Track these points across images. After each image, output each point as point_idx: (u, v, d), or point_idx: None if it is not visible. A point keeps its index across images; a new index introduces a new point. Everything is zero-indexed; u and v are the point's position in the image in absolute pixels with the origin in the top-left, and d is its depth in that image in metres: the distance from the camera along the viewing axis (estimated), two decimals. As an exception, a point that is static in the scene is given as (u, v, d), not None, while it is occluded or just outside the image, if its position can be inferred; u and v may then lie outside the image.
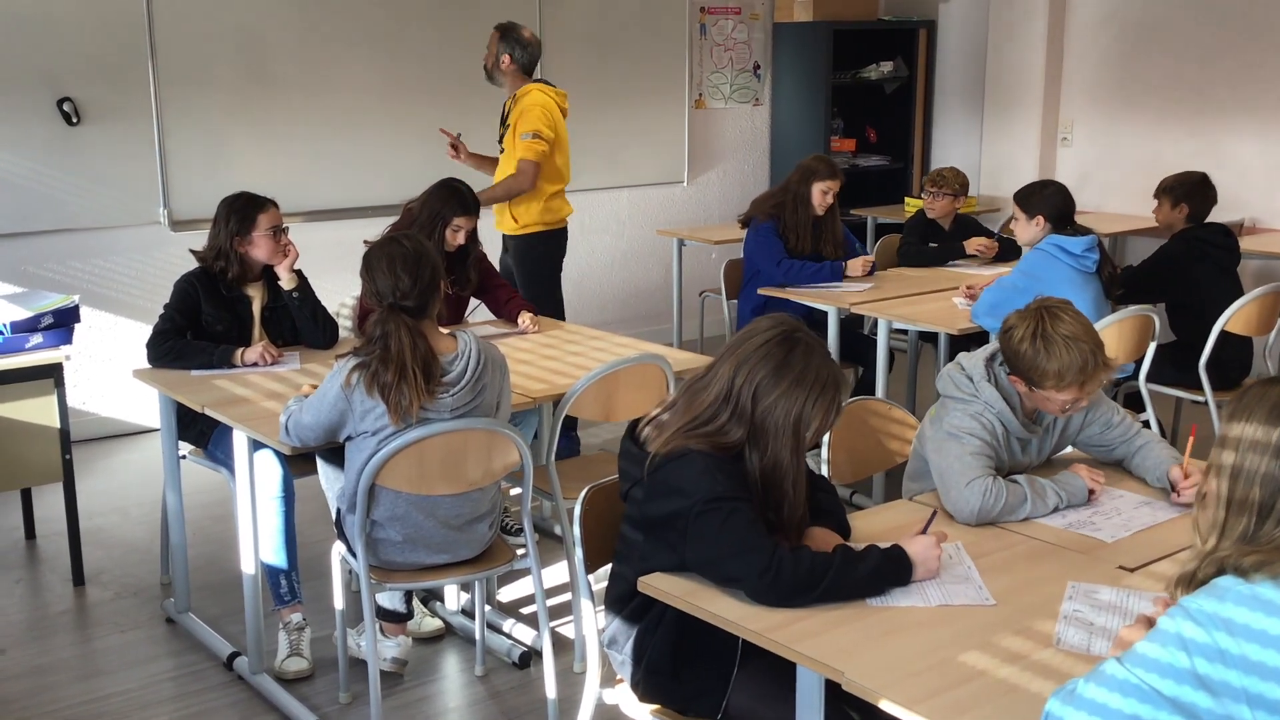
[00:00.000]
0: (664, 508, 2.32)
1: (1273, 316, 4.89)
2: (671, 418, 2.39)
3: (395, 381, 2.95)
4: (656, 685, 2.46)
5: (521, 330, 4.38)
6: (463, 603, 3.93)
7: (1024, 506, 2.63)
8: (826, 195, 5.16)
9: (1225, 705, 1.56)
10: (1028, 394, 2.75)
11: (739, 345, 2.39)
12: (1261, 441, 1.66)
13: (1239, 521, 1.67)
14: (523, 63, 5.29)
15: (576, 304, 7.18)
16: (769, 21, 7.89)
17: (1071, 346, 2.66)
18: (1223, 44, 6.72)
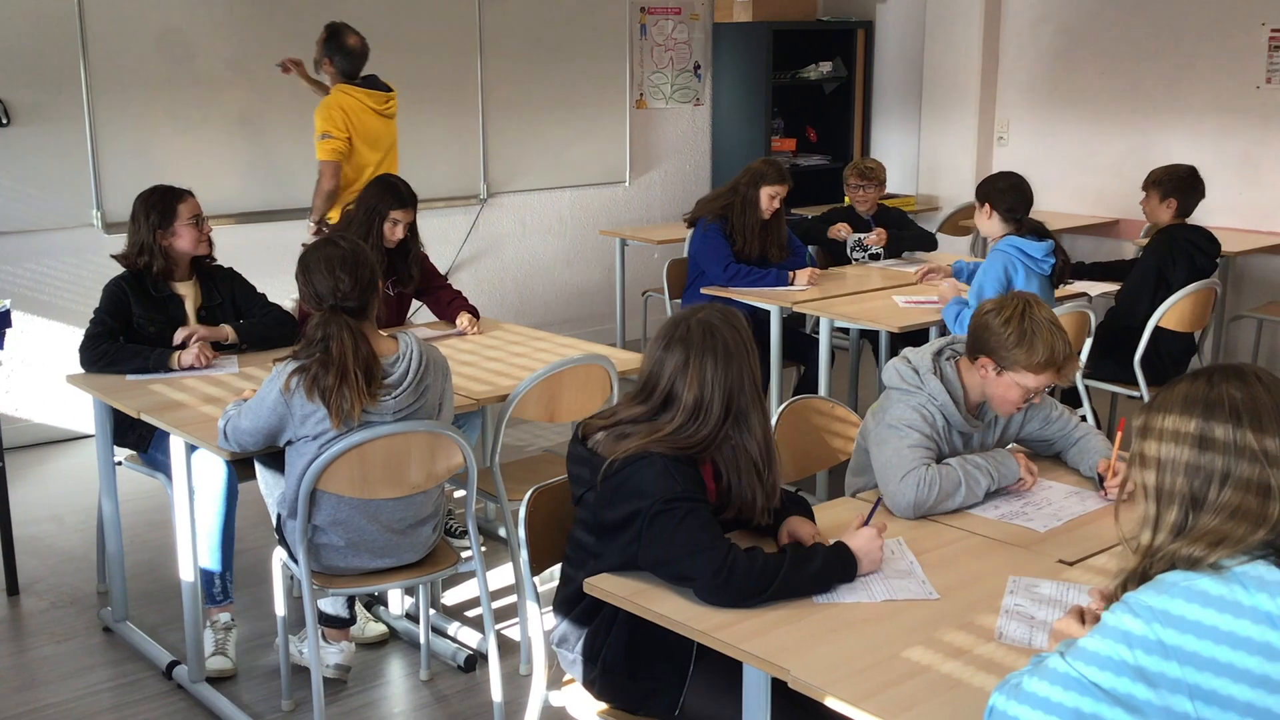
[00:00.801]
0: (621, 510, 2.32)
1: (1206, 312, 4.99)
2: (635, 427, 2.38)
3: (336, 384, 2.92)
4: (612, 685, 2.46)
5: (461, 331, 4.36)
6: (407, 607, 3.90)
7: (959, 491, 2.66)
8: (774, 200, 5.19)
9: (1165, 697, 1.58)
10: (993, 381, 2.77)
11: (683, 361, 2.39)
12: (1180, 431, 1.69)
13: (1169, 511, 1.69)
14: (342, 68, 5.38)
15: (519, 304, 7.17)
16: (709, 22, 7.91)
17: (1055, 332, 2.73)
18: (1154, 44, 6.84)
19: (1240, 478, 1.65)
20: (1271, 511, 1.64)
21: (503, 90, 6.99)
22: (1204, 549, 1.63)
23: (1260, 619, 1.57)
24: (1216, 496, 1.66)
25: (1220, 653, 1.57)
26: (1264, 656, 1.56)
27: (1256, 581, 1.60)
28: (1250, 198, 6.54)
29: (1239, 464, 1.65)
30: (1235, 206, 6.55)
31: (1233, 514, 1.65)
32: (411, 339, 3.10)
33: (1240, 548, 1.63)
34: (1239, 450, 1.65)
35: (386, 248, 4.29)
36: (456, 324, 4.39)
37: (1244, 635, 1.57)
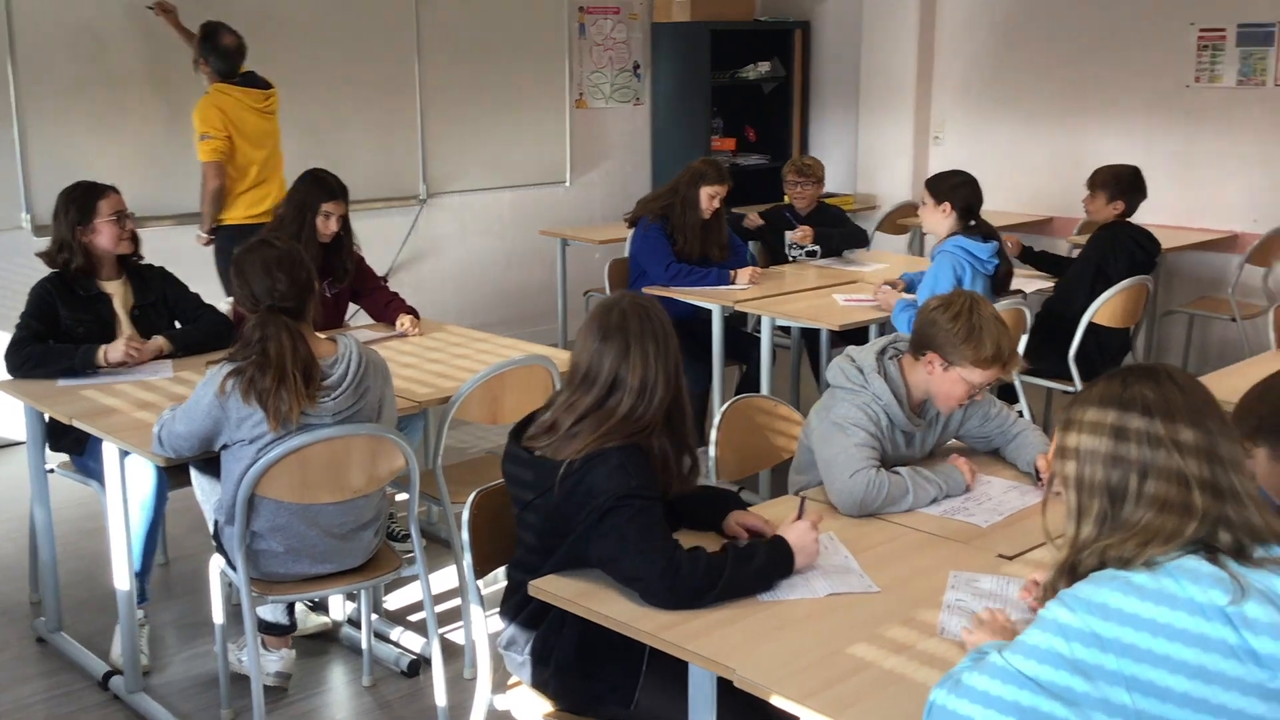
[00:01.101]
0: (579, 508, 2.32)
1: (1138, 308, 5.07)
2: (583, 423, 2.37)
3: (274, 386, 2.88)
4: (565, 685, 2.45)
5: (402, 333, 4.32)
6: (348, 612, 3.86)
7: (906, 498, 2.68)
8: (714, 199, 5.20)
9: (1102, 689, 1.60)
10: (939, 376, 2.79)
11: (624, 347, 2.40)
12: (1098, 426, 1.73)
13: (1092, 504, 1.73)
14: (217, 68, 5.38)
15: (460, 305, 7.12)
16: (647, 21, 7.91)
17: (1000, 329, 2.76)
18: (1087, 45, 6.95)
19: (1159, 468, 1.68)
20: (1195, 504, 1.67)
21: (441, 90, 6.94)
22: (1134, 548, 1.66)
23: (1194, 610, 1.60)
24: (1138, 489, 1.69)
25: (1157, 645, 1.59)
26: (1200, 648, 1.58)
27: (1189, 574, 1.62)
28: (1181, 195, 6.66)
29: (1156, 456, 1.68)
30: (1166, 204, 6.66)
31: (1160, 509, 1.68)
32: (350, 341, 3.07)
33: (1171, 545, 1.65)
34: (1154, 443, 1.68)
35: (321, 243, 4.26)
36: (397, 325, 4.36)
37: (1180, 627, 1.59)
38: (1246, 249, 6.23)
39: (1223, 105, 6.48)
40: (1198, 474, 1.67)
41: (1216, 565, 1.63)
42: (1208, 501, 1.67)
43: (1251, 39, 6.33)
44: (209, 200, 5.32)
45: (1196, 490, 1.67)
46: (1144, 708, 1.59)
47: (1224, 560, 1.64)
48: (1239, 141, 6.45)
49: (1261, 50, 6.30)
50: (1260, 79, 6.33)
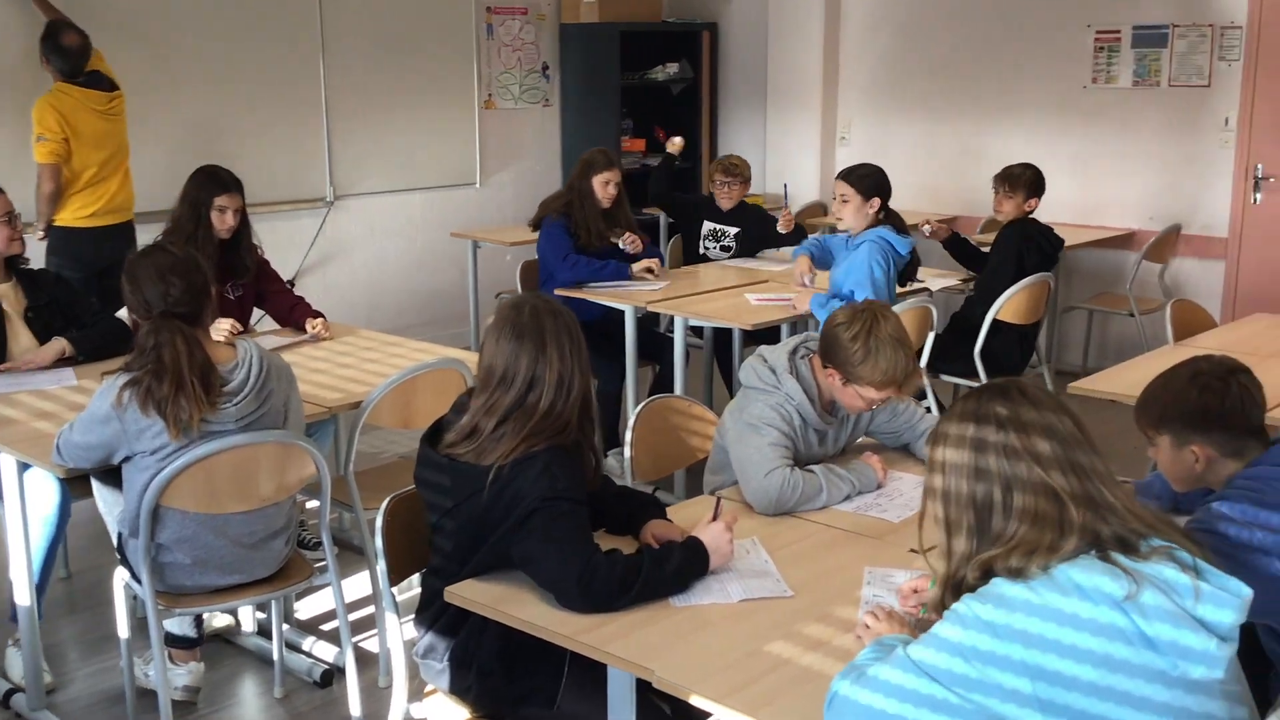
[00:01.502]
0: (507, 512, 2.30)
1: (1040, 305, 5.19)
2: (510, 434, 2.35)
3: (172, 394, 2.81)
4: (488, 689, 2.43)
5: (313, 336, 4.25)
6: (259, 622, 3.79)
7: (820, 496, 2.71)
8: (608, 185, 5.21)
9: (1003, 679, 1.63)
10: (839, 388, 2.82)
11: (539, 344, 2.39)
12: (960, 438, 1.78)
13: (961, 517, 1.77)
14: (60, 68, 5.28)
15: (370, 309, 7.03)
16: (555, 22, 7.89)
17: (899, 350, 2.76)
18: (987, 46, 7.09)
19: (1021, 480, 1.73)
20: (1071, 515, 1.71)
21: (347, 90, 6.85)
22: (1020, 559, 1.70)
23: (1091, 598, 1.64)
24: (1004, 501, 1.74)
25: (1063, 634, 1.63)
26: (1103, 636, 1.62)
27: (1084, 569, 1.67)
28: (1080, 194, 6.83)
29: (1016, 469, 1.73)
30: (1065, 202, 6.83)
31: (1034, 521, 1.71)
32: (250, 344, 3.01)
33: (1056, 555, 1.69)
34: (1012, 456, 1.74)
35: (220, 241, 4.18)
36: (307, 328, 4.29)
37: (1084, 616, 1.63)
38: (1143, 246, 6.40)
39: (1119, 105, 6.66)
40: (1065, 486, 1.72)
41: (1109, 563, 1.68)
42: (1081, 510, 1.71)
43: (1145, 40, 6.51)
44: (44, 201, 5.21)
45: (1068, 502, 1.71)
46: (1048, 696, 1.62)
47: (1115, 557, 1.69)
48: (1135, 141, 6.63)
49: (1155, 51, 6.49)
50: (1154, 80, 6.51)
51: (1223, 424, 2.33)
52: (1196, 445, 2.35)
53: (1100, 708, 1.62)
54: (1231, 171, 6.34)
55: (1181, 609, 1.64)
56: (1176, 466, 2.42)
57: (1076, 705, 1.62)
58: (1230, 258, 6.42)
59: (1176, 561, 1.69)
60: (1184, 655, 1.62)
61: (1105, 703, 1.62)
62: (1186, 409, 2.35)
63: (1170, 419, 2.38)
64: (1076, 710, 1.62)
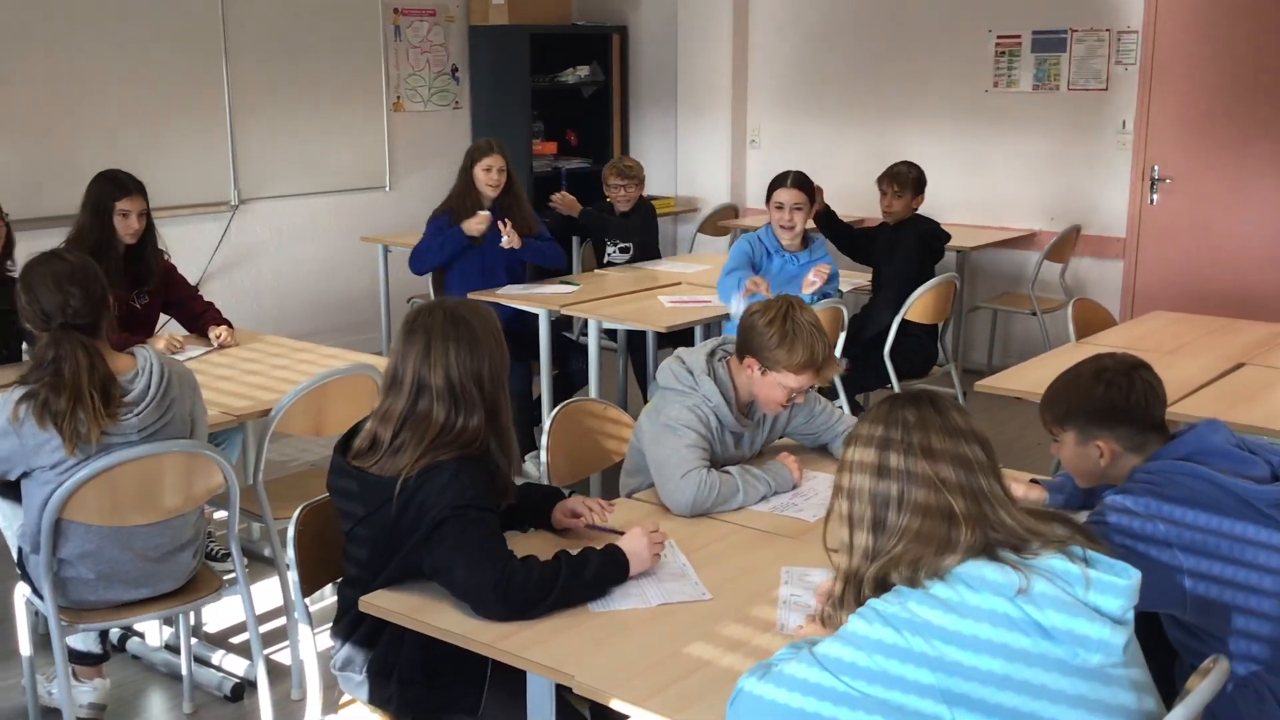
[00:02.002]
0: (414, 523, 2.27)
1: (947, 305, 5.28)
2: (408, 443, 2.32)
3: (70, 408, 2.72)
4: (411, 698, 2.40)
5: (218, 345, 4.17)
6: (166, 637, 3.70)
7: (736, 497, 2.72)
8: (490, 172, 5.16)
9: (906, 670, 1.66)
10: (758, 380, 2.84)
11: (425, 352, 2.35)
12: (868, 438, 1.83)
13: (860, 532, 1.82)
14: None
15: (278, 315, 6.92)
16: (464, 24, 7.84)
17: (815, 335, 2.81)
18: (892, 52, 7.20)
19: (918, 481, 1.78)
20: (958, 529, 1.75)
21: (251, 92, 6.72)
22: (909, 568, 1.74)
23: (989, 589, 1.68)
24: (899, 503, 1.78)
25: (964, 626, 1.66)
26: (1003, 626, 1.66)
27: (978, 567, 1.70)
28: (982, 196, 6.97)
29: (914, 467, 1.78)
30: (969, 204, 6.97)
31: (924, 524, 1.76)
32: (149, 353, 2.93)
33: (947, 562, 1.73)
34: (910, 458, 1.79)
35: (126, 246, 4.09)
36: (211, 336, 4.20)
37: (987, 609, 1.67)
38: (1044, 246, 6.55)
39: (1020, 109, 6.80)
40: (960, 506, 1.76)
41: (997, 561, 1.72)
42: (970, 524, 1.75)
43: (1045, 45, 6.66)
44: None
45: (959, 517, 1.75)
46: (951, 687, 1.65)
47: (1004, 555, 1.73)
48: (1036, 143, 6.78)
49: (1054, 56, 6.64)
50: (1054, 84, 6.67)
51: (1127, 419, 2.38)
52: (1101, 440, 2.40)
53: (1008, 699, 1.64)
54: (1129, 173, 6.51)
55: (1072, 597, 1.68)
56: (1081, 462, 2.47)
57: (979, 695, 1.64)
58: (1128, 257, 6.60)
59: (1066, 554, 1.74)
60: (1080, 643, 1.66)
61: (1009, 693, 1.65)
62: (1091, 405, 2.40)
63: (1075, 415, 2.43)
64: (979, 700, 1.64)
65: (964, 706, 1.64)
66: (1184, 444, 2.35)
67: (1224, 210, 6.30)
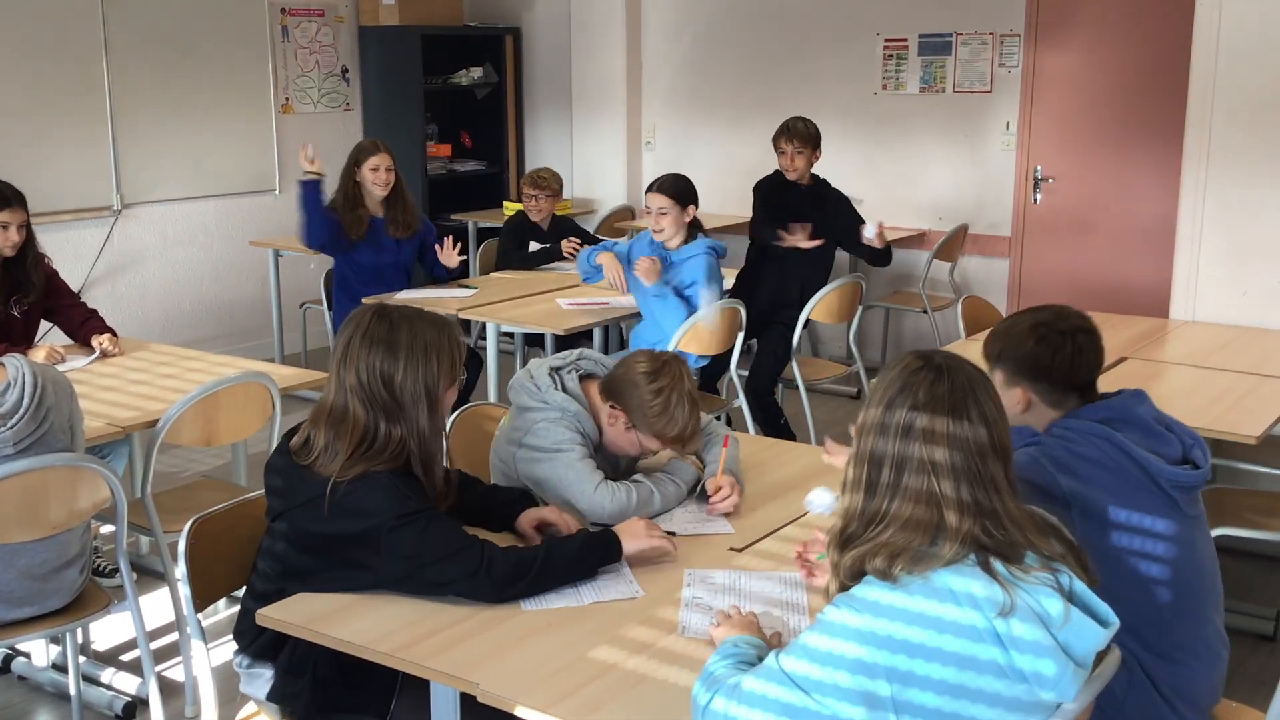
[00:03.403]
0: (350, 528, 2.23)
1: (853, 305, 5.34)
2: (335, 445, 2.28)
3: None
4: (330, 698, 2.35)
5: (100, 353, 4.05)
6: (53, 656, 3.58)
7: (654, 500, 2.67)
8: (378, 171, 5.12)
9: (866, 684, 1.65)
10: (619, 430, 2.74)
11: (344, 349, 2.33)
12: (871, 421, 1.80)
13: (858, 496, 1.79)
14: None
15: (165, 322, 6.74)
16: (354, 25, 7.72)
17: (695, 409, 2.72)
18: (782, 53, 7.28)
19: (914, 465, 1.74)
20: (949, 521, 1.72)
21: (133, 94, 6.54)
22: (886, 559, 1.71)
23: (958, 601, 1.66)
24: (893, 479, 1.75)
25: (927, 637, 1.65)
26: (955, 634, 1.65)
27: (960, 575, 1.68)
28: (872, 196, 7.07)
29: (910, 450, 1.75)
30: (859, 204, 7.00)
31: (913, 514, 1.73)
32: (21, 362, 2.82)
33: (934, 560, 1.70)
34: (913, 434, 1.75)
35: (6, 257, 3.96)
36: (93, 345, 4.07)
37: (949, 619, 1.66)
38: (934, 246, 6.68)
39: (907, 111, 6.94)
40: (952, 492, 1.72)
41: (988, 572, 1.69)
42: (964, 517, 1.72)
43: (931, 49, 6.80)
44: None
45: (950, 507, 1.72)
46: (904, 699, 1.65)
47: (994, 566, 1.70)
48: (923, 145, 6.92)
49: (940, 59, 6.78)
50: (940, 86, 6.81)
51: (1048, 376, 2.44)
52: (1022, 388, 2.46)
53: (947, 706, 1.65)
54: (1013, 173, 6.68)
55: (1049, 638, 1.66)
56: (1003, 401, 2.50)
57: (931, 705, 1.65)
58: (1014, 255, 6.77)
59: (1055, 584, 1.71)
60: (1040, 682, 1.66)
61: (959, 700, 1.65)
62: (1020, 354, 2.45)
63: (1005, 358, 2.48)
64: (929, 709, 1.65)
65: (912, 716, 1.66)
66: (1105, 408, 2.41)
67: (1105, 208, 6.50)
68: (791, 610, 2.22)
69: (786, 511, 2.71)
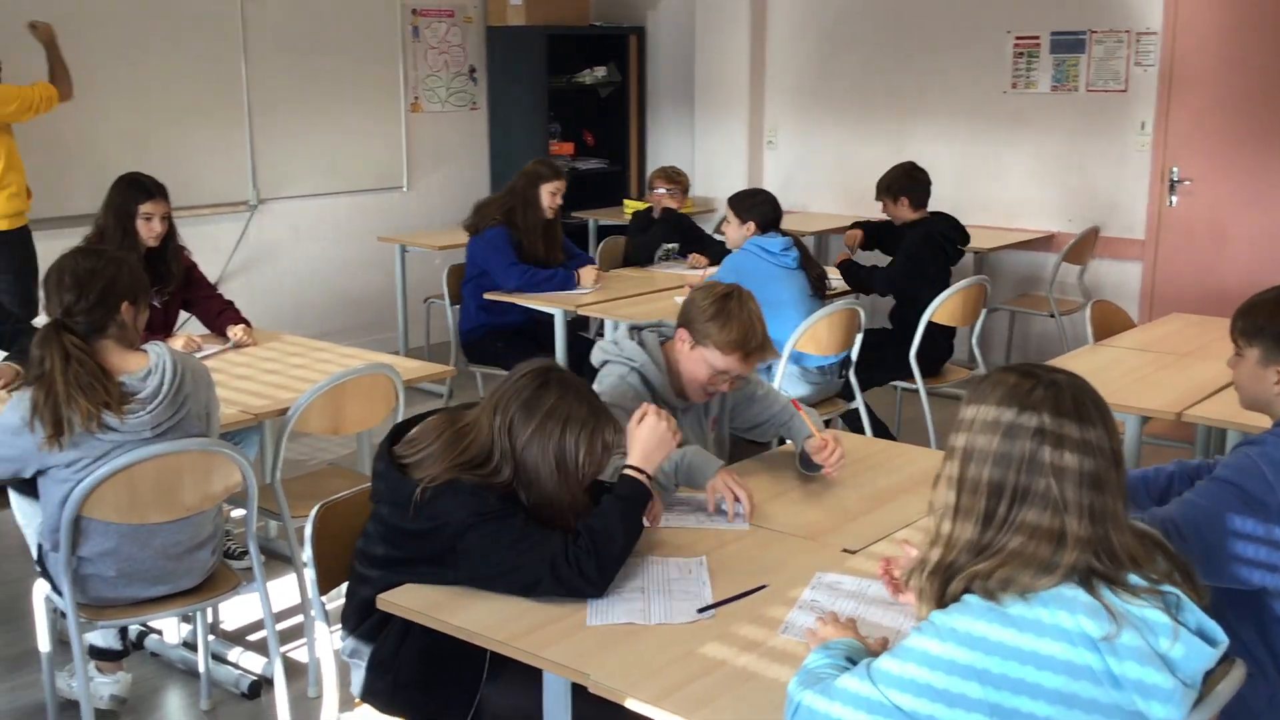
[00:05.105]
0: (430, 532, 2.27)
1: (976, 307, 5.24)
2: (437, 451, 2.32)
3: (49, 406, 2.72)
4: (406, 699, 2.40)
5: (235, 343, 4.19)
6: (184, 634, 3.72)
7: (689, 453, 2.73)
8: (555, 196, 5.23)
9: (962, 717, 1.62)
10: (686, 355, 2.86)
11: (497, 389, 2.38)
12: (984, 447, 1.70)
13: (967, 526, 1.70)
14: None
15: (296, 314, 6.94)
16: (482, 25, 7.85)
17: (753, 320, 2.83)
18: (907, 53, 7.18)
19: (1037, 497, 1.66)
20: (1066, 552, 1.64)
21: (270, 92, 6.75)
22: (999, 581, 1.64)
23: (1062, 637, 1.61)
24: (1010, 506, 1.67)
25: (1026, 673, 1.60)
26: (1067, 675, 1.60)
27: (1065, 604, 1.62)
28: (1000, 197, 6.95)
29: (1035, 483, 1.66)
30: (985, 205, 6.95)
31: (1030, 539, 1.65)
32: (163, 349, 2.93)
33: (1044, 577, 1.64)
34: (1035, 468, 1.66)
35: (149, 247, 4.11)
36: (229, 335, 4.22)
37: (1047, 654, 1.60)
38: (1062, 248, 6.52)
39: (1038, 110, 6.78)
40: (1075, 500, 1.65)
41: (1093, 596, 1.63)
42: (1084, 529, 1.65)
43: (1064, 46, 6.64)
44: None
45: (1071, 518, 1.65)
46: (1000, 703, 1.61)
47: (1101, 591, 1.64)
48: (1054, 145, 6.76)
49: (1073, 58, 6.62)
50: (1072, 85, 6.64)
51: None
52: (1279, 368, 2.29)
53: None
54: (1148, 174, 6.49)
55: (1153, 649, 1.61)
56: (1254, 384, 2.35)
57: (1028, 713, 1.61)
58: (1147, 259, 6.57)
59: (1161, 604, 1.65)
60: (1144, 691, 1.60)
61: None
62: None
63: (1266, 334, 2.31)
64: None
65: None
66: None
67: (1243, 212, 6.26)
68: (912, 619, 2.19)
69: (902, 515, 2.68)
